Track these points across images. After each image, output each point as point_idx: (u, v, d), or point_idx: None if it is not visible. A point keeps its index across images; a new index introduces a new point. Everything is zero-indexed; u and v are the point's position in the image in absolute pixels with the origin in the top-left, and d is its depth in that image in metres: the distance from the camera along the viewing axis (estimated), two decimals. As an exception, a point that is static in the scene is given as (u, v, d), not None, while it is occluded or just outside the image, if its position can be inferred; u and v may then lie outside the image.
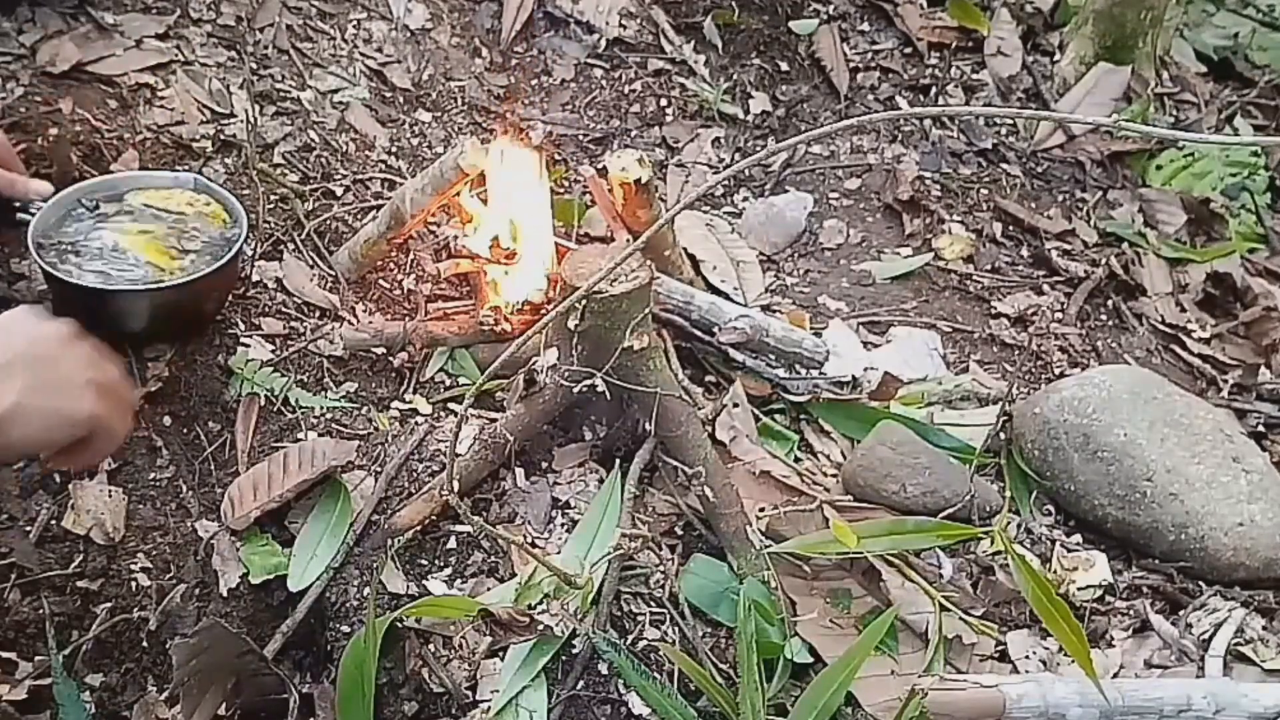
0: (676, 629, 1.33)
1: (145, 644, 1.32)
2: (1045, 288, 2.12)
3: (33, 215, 1.38)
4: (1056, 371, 1.93)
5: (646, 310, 1.38)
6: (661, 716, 1.23)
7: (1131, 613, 1.49)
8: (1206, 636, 1.45)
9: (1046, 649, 1.41)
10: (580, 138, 2.25)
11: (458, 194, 1.60)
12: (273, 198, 1.71)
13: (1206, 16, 3.07)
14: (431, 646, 1.30)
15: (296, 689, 1.28)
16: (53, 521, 1.31)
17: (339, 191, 1.83)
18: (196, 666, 1.23)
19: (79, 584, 1.31)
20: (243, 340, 1.53)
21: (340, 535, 1.35)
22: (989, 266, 2.15)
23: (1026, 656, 1.40)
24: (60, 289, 1.34)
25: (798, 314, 1.89)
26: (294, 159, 1.82)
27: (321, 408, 1.50)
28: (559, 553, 1.37)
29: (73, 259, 1.37)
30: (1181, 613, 1.49)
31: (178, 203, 1.49)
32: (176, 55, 1.82)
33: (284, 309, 1.61)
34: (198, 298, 1.44)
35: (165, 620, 1.32)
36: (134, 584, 1.33)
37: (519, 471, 1.46)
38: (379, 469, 1.42)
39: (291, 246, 1.70)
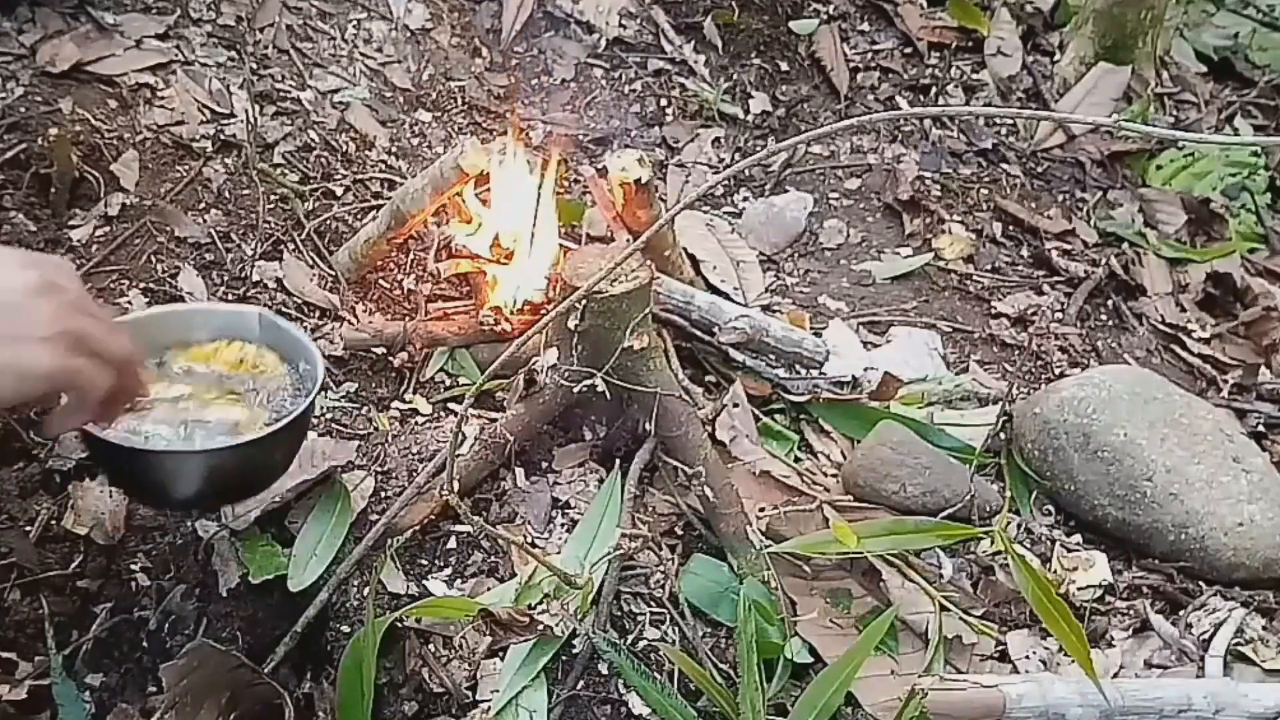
0: (676, 629, 1.33)
1: (145, 644, 1.32)
2: (1045, 288, 2.12)
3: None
4: (1056, 371, 1.93)
5: (646, 310, 1.38)
6: (661, 716, 1.23)
7: (1131, 613, 1.49)
8: (1206, 636, 1.45)
9: (1046, 649, 1.41)
10: (580, 138, 2.25)
11: (458, 194, 1.60)
12: (273, 198, 1.72)
13: (1206, 16, 3.07)
14: (431, 646, 1.30)
15: (293, 697, 1.28)
16: (53, 521, 1.31)
17: (339, 191, 1.83)
18: (188, 686, 1.22)
19: (79, 584, 1.31)
20: (243, 340, 1.52)
21: (340, 535, 1.35)
22: (989, 266, 2.15)
23: (1026, 656, 1.40)
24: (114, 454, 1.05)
25: (798, 314, 1.89)
26: (294, 159, 1.82)
27: (321, 408, 1.49)
28: (559, 553, 1.37)
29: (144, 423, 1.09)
30: (1181, 613, 1.49)
31: (224, 360, 1.20)
32: (176, 55, 1.82)
33: (284, 309, 1.61)
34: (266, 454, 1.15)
35: (165, 620, 1.32)
36: (134, 584, 1.33)
37: (519, 471, 1.46)
38: (379, 469, 1.42)
39: (291, 246, 1.70)
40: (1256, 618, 1.49)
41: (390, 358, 1.61)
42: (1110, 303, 2.14)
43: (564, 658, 1.28)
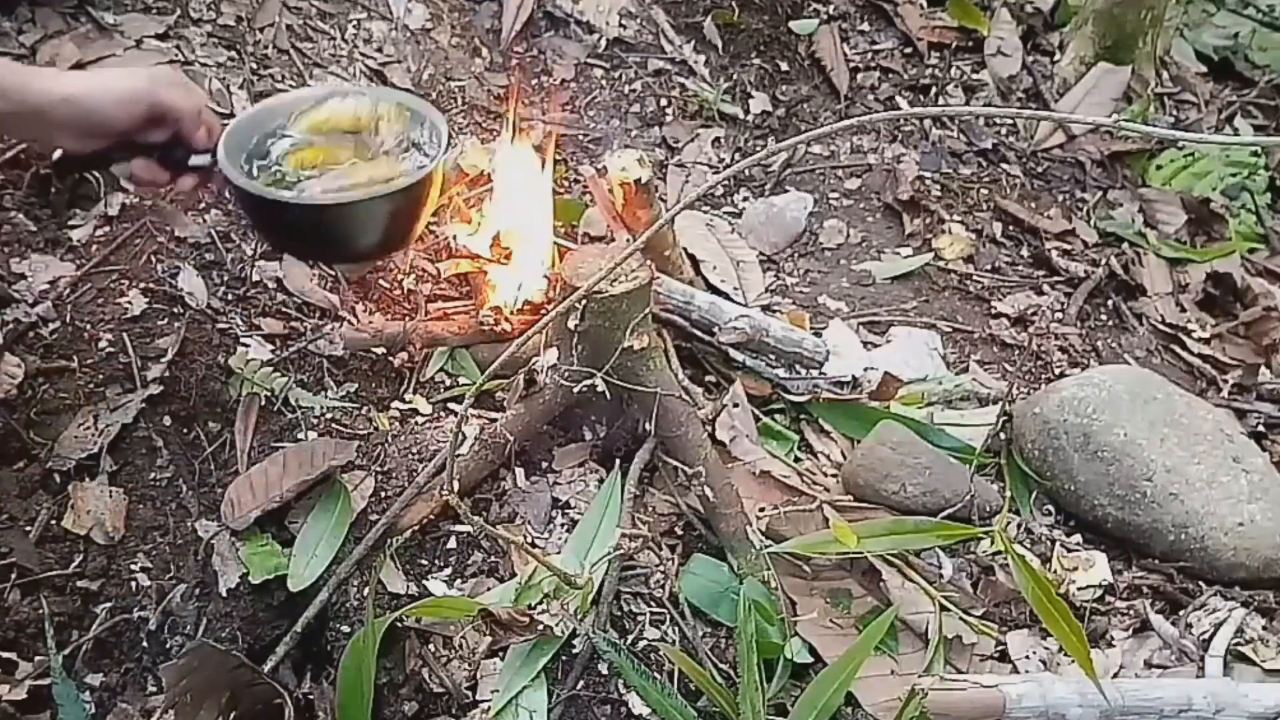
0: (676, 629, 1.33)
1: (145, 644, 1.32)
2: (1045, 288, 2.12)
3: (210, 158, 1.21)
4: (1056, 371, 1.93)
5: (646, 310, 1.38)
6: (661, 716, 1.23)
7: (1131, 613, 1.49)
8: (1206, 636, 1.45)
9: (1046, 649, 1.41)
10: (580, 138, 2.25)
11: (458, 194, 1.60)
12: (273, 198, 1.71)
13: (1206, 16, 3.07)
14: (431, 646, 1.30)
15: (293, 696, 1.28)
16: (53, 521, 1.31)
17: (339, 191, 1.82)
18: (188, 686, 1.23)
19: (79, 584, 1.31)
20: (243, 340, 1.52)
21: (340, 535, 1.35)
22: (989, 266, 2.15)
23: (1026, 656, 1.40)
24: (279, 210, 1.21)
25: (798, 314, 1.89)
26: (294, 159, 1.82)
27: (321, 408, 1.49)
28: (559, 553, 1.37)
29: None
30: (1181, 613, 1.49)
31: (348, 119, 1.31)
32: (176, 55, 1.82)
33: (284, 309, 1.61)
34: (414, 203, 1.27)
35: (165, 620, 1.32)
36: (134, 584, 1.33)
37: (519, 471, 1.46)
38: (379, 469, 1.42)
39: (291, 246, 1.70)
40: (1256, 618, 1.49)
41: (390, 358, 1.61)
42: (1110, 303, 2.14)
43: (564, 658, 1.28)
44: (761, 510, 1.44)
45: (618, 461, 1.46)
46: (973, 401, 1.79)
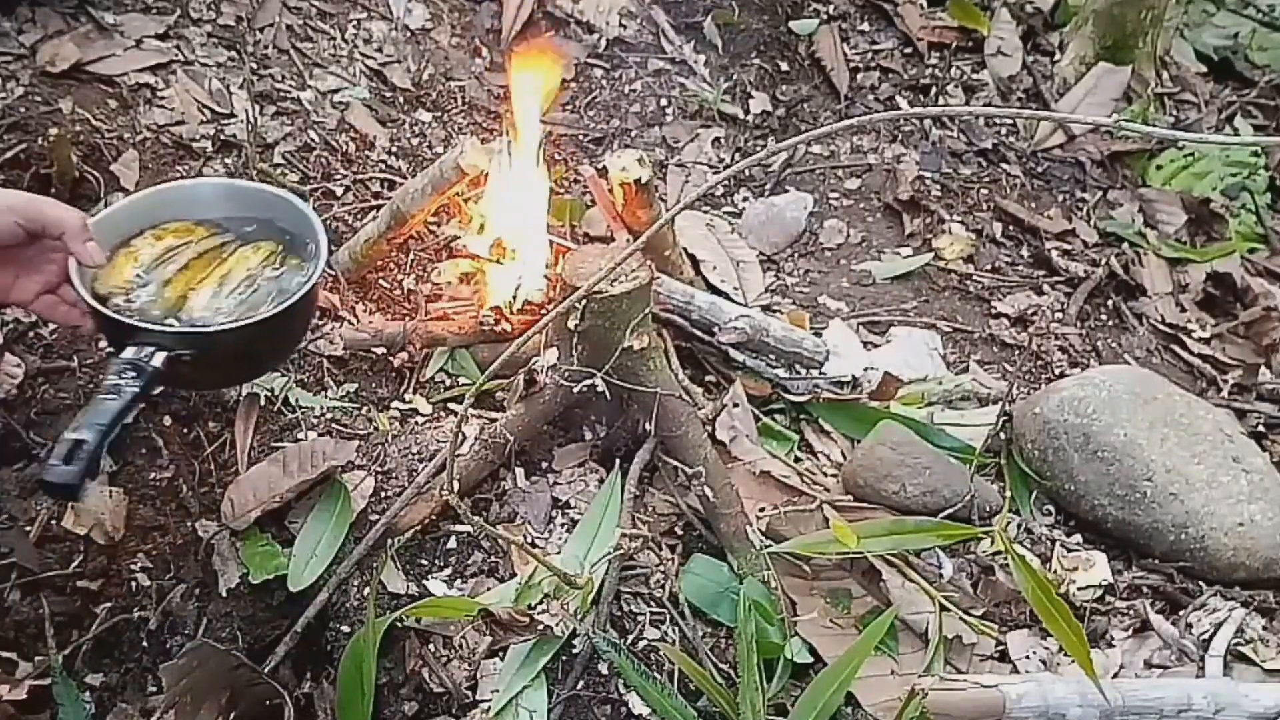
0: (676, 629, 1.33)
1: (145, 644, 1.32)
2: (1045, 288, 2.12)
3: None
4: (1056, 371, 1.93)
5: (646, 310, 1.38)
6: (661, 716, 1.23)
7: (1131, 613, 1.49)
8: (1206, 636, 1.45)
9: (1046, 649, 1.41)
10: (580, 138, 2.25)
11: (458, 194, 1.60)
12: (273, 198, 1.71)
13: (1206, 16, 3.07)
14: (431, 646, 1.30)
15: (293, 696, 1.28)
16: (53, 521, 1.31)
17: (339, 191, 1.83)
18: (188, 685, 1.23)
19: (79, 584, 1.30)
20: (243, 340, 1.52)
21: (340, 535, 1.35)
22: (989, 266, 2.15)
23: (1026, 656, 1.40)
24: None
25: (798, 314, 1.89)
26: (294, 159, 1.82)
27: (321, 408, 1.49)
28: (559, 553, 1.37)
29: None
30: (1181, 613, 1.49)
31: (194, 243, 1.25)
32: (176, 55, 1.82)
33: (284, 309, 1.61)
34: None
35: (165, 620, 1.32)
36: (134, 584, 1.33)
37: (519, 471, 1.46)
38: (379, 469, 1.42)
39: (291, 246, 1.70)
40: (1256, 618, 1.49)
41: (390, 358, 1.61)
42: (1110, 303, 2.14)
43: (564, 658, 1.28)
44: (761, 510, 1.44)
45: (618, 461, 1.46)
46: (973, 401, 1.79)
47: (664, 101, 2.36)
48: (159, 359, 1.08)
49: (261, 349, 1.23)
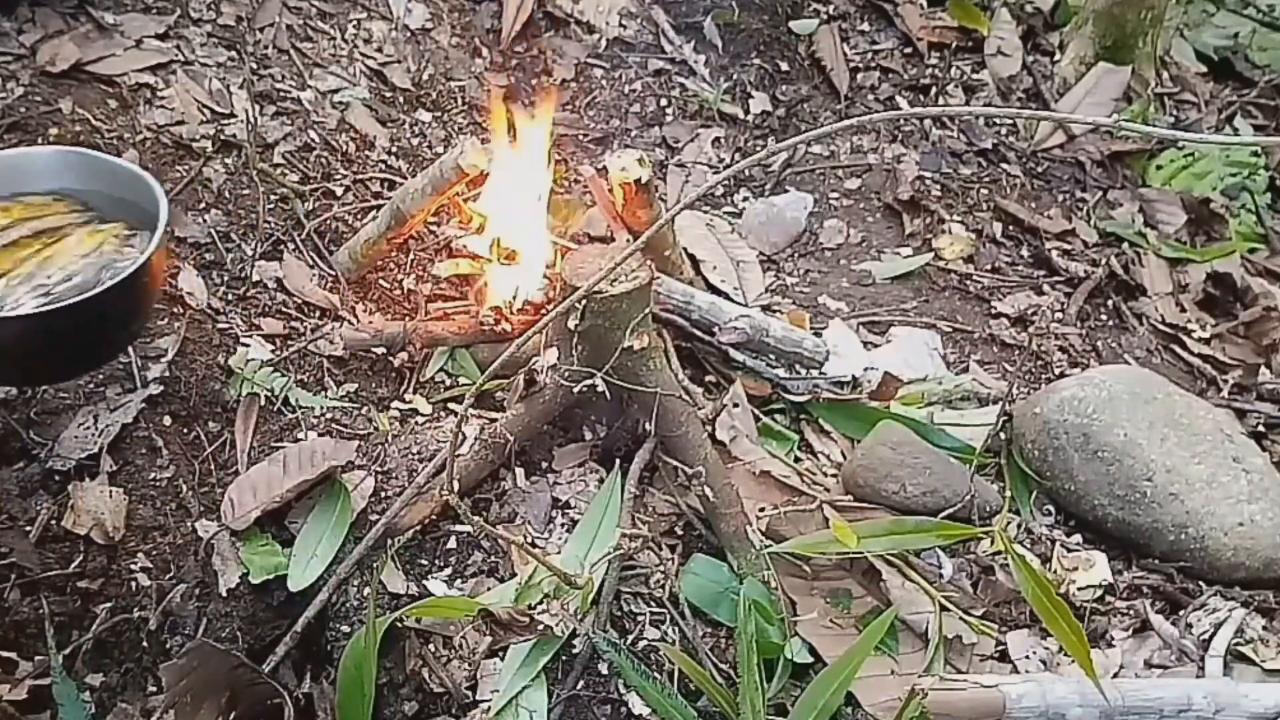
0: (676, 629, 1.33)
1: (145, 644, 1.32)
2: (1045, 288, 2.12)
3: None
4: (1056, 371, 1.93)
5: (646, 310, 1.38)
6: (661, 716, 1.23)
7: (1131, 613, 1.49)
8: (1206, 636, 1.45)
9: (1046, 649, 1.41)
10: (580, 138, 2.25)
11: (458, 194, 1.60)
12: (273, 198, 1.71)
13: (1206, 16, 3.07)
14: (431, 646, 1.30)
15: (293, 696, 1.28)
16: (53, 521, 1.31)
17: (339, 191, 1.83)
18: (188, 685, 1.23)
19: (79, 584, 1.31)
20: (243, 340, 1.53)
21: (340, 535, 1.35)
22: (989, 266, 2.15)
23: (1026, 656, 1.40)
24: None
25: (798, 314, 1.89)
26: (294, 159, 1.82)
27: (321, 408, 1.50)
28: (559, 553, 1.37)
29: None
30: (1181, 613, 1.49)
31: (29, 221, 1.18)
32: (176, 55, 1.82)
33: (284, 309, 1.61)
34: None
35: (165, 620, 1.32)
36: (134, 584, 1.33)
37: (519, 471, 1.46)
38: (379, 469, 1.42)
39: (291, 246, 1.70)
40: (1256, 618, 1.49)
41: (390, 358, 1.61)
42: (1110, 303, 2.14)
43: (564, 658, 1.28)
44: (761, 510, 1.44)
45: (618, 461, 1.46)
46: (973, 401, 1.79)
47: (664, 101, 2.36)
48: None
49: (46, 347, 1.13)
